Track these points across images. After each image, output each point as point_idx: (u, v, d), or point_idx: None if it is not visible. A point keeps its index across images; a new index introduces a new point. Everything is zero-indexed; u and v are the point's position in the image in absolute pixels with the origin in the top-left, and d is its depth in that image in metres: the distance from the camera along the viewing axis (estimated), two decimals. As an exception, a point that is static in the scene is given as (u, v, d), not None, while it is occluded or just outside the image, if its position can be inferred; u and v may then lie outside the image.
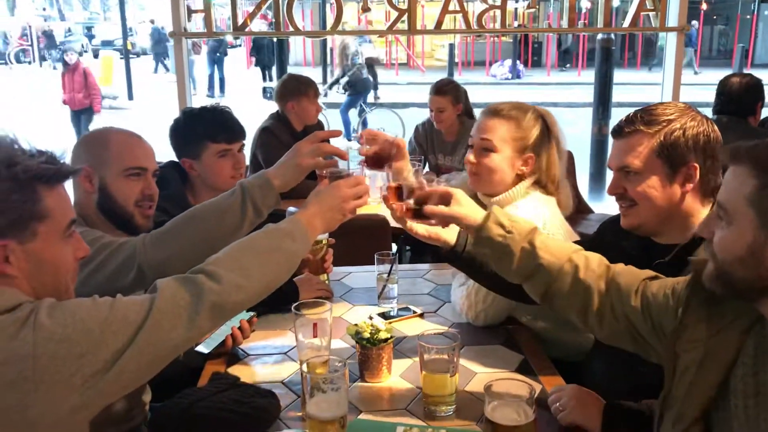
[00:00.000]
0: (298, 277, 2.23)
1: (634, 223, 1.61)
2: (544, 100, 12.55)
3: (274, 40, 11.03)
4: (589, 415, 1.48)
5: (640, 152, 1.54)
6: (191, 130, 2.33)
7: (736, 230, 1.12)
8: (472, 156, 2.02)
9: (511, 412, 1.35)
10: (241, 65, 18.52)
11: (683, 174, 1.54)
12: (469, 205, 1.52)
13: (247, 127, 2.47)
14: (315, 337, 1.64)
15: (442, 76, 5.46)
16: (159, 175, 1.92)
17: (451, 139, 4.19)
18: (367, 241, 2.63)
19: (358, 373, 1.71)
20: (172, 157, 2.39)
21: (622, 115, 1.63)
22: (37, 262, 1.18)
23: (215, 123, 2.32)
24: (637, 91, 13.31)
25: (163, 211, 1.92)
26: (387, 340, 1.68)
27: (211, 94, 14.93)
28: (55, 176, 1.20)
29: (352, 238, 2.28)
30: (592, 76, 7.23)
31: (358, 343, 1.70)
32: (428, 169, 4.27)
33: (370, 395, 1.64)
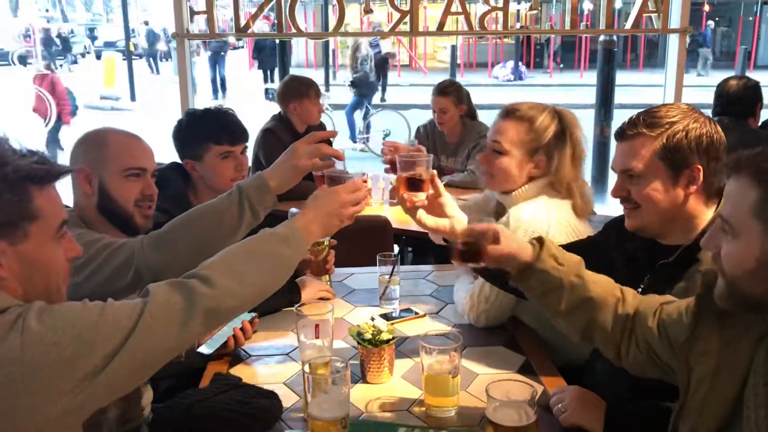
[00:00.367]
0: (300, 278, 2.23)
1: (638, 224, 1.61)
2: (546, 101, 12.50)
3: (276, 41, 11.02)
4: (591, 417, 1.48)
5: (643, 155, 1.53)
6: (194, 131, 2.33)
7: (742, 244, 1.10)
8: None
9: (513, 414, 1.35)
10: (244, 67, 18.53)
11: (687, 176, 1.52)
12: (516, 239, 1.48)
13: (250, 129, 2.47)
14: (317, 337, 1.65)
15: (444, 78, 5.48)
16: (161, 176, 1.92)
17: (454, 141, 4.19)
18: (369, 242, 2.63)
19: (360, 373, 1.71)
20: (175, 159, 2.39)
21: (624, 117, 1.62)
22: (29, 264, 1.16)
23: (218, 125, 2.32)
24: (640, 92, 13.30)
25: (165, 212, 1.92)
26: (389, 341, 1.68)
27: (216, 98, 14.92)
28: (47, 176, 1.18)
29: (354, 239, 2.27)
30: (594, 78, 7.22)
31: (359, 344, 1.69)
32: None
33: (372, 396, 1.64)
